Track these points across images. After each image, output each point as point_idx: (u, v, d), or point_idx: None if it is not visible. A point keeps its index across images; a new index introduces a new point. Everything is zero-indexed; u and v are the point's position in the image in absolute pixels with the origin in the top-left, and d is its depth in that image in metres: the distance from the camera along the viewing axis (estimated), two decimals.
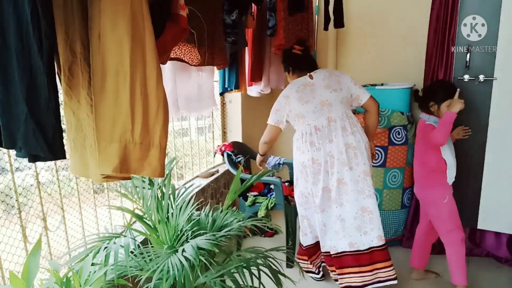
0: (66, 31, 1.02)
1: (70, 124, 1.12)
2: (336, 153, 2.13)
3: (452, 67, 2.57)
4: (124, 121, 1.03)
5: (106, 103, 1.02)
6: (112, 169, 1.03)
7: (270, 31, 2.48)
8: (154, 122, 1.06)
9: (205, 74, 2.29)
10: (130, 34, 1.00)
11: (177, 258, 1.26)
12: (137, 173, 1.07)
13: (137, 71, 1.03)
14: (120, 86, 1.02)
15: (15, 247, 1.45)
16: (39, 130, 0.92)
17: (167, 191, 1.57)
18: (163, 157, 1.09)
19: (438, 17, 2.63)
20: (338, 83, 2.22)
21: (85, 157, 1.11)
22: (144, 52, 1.04)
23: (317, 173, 2.16)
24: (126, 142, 1.04)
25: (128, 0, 0.99)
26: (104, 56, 1.00)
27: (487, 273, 2.53)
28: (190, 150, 2.93)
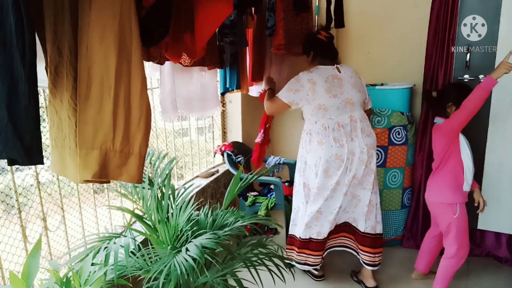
0: (55, 30, 1.04)
1: (52, 122, 1.14)
2: (357, 152, 2.16)
3: (452, 67, 2.57)
4: (106, 130, 1.07)
5: (89, 112, 1.06)
6: (91, 175, 1.07)
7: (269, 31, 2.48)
8: (135, 131, 1.10)
9: (208, 74, 2.29)
10: (117, 48, 1.04)
11: (182, 258, 1.27)
12: (115, 179, 1.12)
13: (121, 83, 1.07)
14: (104, 96, 1.06)
15: (15, 247, 1.45)
16: (17, 135, 0.94)
17: (167, 191, 1.57)
18: (141, 164, 1.12)
19: (438, 17, 2.63)
20: (361, 85, 2.28)
21: (64, 156, 1.13)
22: (130, 64, 1.07)
23: (338, 168, 2.16)
24: (106, 150, 1.09)
25: (117, 16, 1.03)
26: (90, 67, 1.04)
27: (487, 273, 2.53)
28: (190, 150, 2.93)
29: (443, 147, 2.15)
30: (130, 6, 1.05)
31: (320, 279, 2.48)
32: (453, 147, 2.13)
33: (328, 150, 2.15)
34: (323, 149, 2.16)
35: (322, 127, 2.17)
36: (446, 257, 2.21)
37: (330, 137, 2.15)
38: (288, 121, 3.59)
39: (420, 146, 2.84)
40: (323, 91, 2.13)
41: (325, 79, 2.15)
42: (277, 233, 3.12)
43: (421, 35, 2.80)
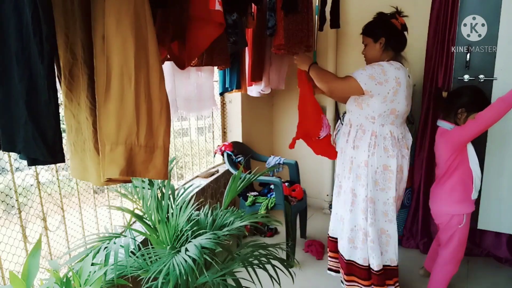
0: (66, 33, 1.02)
1: (70, 127, 1.11)
2: (405, 169, 2.00)
3: (452, 67, 2.57)
4: (129, 123, 1.03)
5: (111, 105, 1.02)
6: (119, 171, 1.03)
7: (270, 31, 2.48)
8: (158, 124, 1.06)
9: (205, 74, 2.29)
10: (134, 35, 1.00)
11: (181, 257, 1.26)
12: (142, 175, 1.07)
13: (141, 73, 1.03)
14: (125, 87, 1.01)
15: (15, 247, 1.45)
16: (39, 133, 0.92)
17: (167, 191, 1.57)
18: (166, 159, 1.08)
19: (438, 17, 2.63)
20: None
21: (85, 160, 1.11)
22: (147, 53, 1.04)
23: (399, 182, 1.99)
24: (131, 144, 1.04)
25: (132, 1, 1.00)
26: (108, 57, 1.00)
27: (487, 273, 2.53)
28: (190, 150, 2.93)
29: (449, 156, 2.01)
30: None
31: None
32: (461, 156, 2.01)
33: (393, 160, 1.93)
34: (388, 157, 1.93)
35: (390, 133, 1.93)
36: (443, 263, 2.16)
37: (395, 147, 1.93)
38: (289, 121, 3.59)
39: (420, 146, 2.84)
40: (403, 97, 1.89)
41: (407, 84, 1.90)
42: (277, 233, 3.12)
43: (421, 35, 2.80)
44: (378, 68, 1.86)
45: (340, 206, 2.16)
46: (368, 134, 1.96)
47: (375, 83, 1.84)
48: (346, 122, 2.11)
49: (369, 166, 1.94)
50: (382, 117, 1.92)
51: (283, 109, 3.63)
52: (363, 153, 1.96)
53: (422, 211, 2.87)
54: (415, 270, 2.61)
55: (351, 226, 2.06)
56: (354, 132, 2.02)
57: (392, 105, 1.88)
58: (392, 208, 1.99)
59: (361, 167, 1.98)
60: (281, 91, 3.40)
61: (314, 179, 3.56)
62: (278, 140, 3.71)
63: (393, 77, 1.85)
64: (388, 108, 1.89)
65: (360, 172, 1.98)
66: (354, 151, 2.01)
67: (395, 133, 1.94)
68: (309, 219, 3.26)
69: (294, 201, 2.71)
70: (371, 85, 1.84)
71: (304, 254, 2.79)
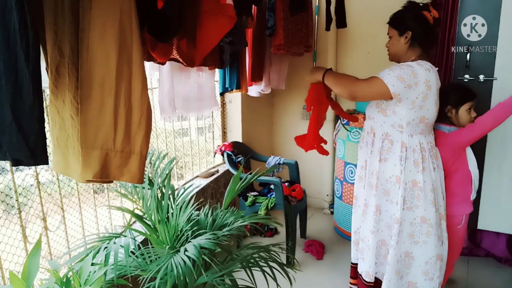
0: (55, 30, 1.04)
1: (54, 122, 1.14)
2: (438, 186, 1.79)
3: (452, 67, 2.57)
4: (107, 130, 1.08)
5: (91, 112, 1.06)
6: (92, 175, 1.08)
7: (269, 31, 2.48)
8: (136, 131, 1.11)
9: (206, 74, 2.29)
10: (118, 47, 1.04)
11: (180, 258, 1.27)
12: (116, 179, 1.13)
13: (122, 83, 1.07)
14: (105, 96, 1.06)
15: (15, 247, 1.45)
16: (22, 135, 0.94)
17: (167, 191, 1.57)
18: (142, 164, 1.13)
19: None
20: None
21: (67, 156, 1.13)
22: (131, 64, 1.08)
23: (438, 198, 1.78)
24: (107, 149, 1.09)
25: (117, 14, 1.03)
26: (91, 67, 1.04)
27: (487, 273, 2.53)
28: (190, 150, 2.93)
29: (449, 159, 1.97)
30: (131, 6, 1.05)
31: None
32: (461, 158, 2.00)
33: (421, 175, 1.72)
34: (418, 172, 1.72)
35: (419, 144, 1.73)
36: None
37: (419, 160, 1.72)
38: (289, 121, 3.59)
39: None
40: (433, 103, 1.69)
41: (437, 87, 1.71)
42: (277, 233, 3.12)
43: None
44: (407, 69, 1.62)
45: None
46: (397, 145, 1.72)
47: (404, 85, 1.59)
48: (368, 130, 1.86)
49: (401, 183, 1.72)
50: (410, 126, 1.69)
51: (283, 109, 3.63)
52: (393, 167, 1.74)
53: None
54: None
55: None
56: (380, 143, 1.77)
57: (421, 112, 1.66)
58: (420, 229, 1.77)
59: (390, 182, 1.77)
60: (281, 91, 3.40)
61: (314, 179, 3.56)
62: (278, 140, 3.71)
63: (423, 80, 1.61)
64: (417, 116, 1.66)
65: (389, 187, 1.78)
66: (381, 164, 1.78)
67: (424, 144, 1.73)
68: (309, 219, 3.27)
69: (294, 201, 2.71)
70: (400, 88, 1.60)
71: (304, 254, 2.79)
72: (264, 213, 2.62)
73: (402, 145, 1.71)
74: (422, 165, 1.71)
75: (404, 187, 1.73)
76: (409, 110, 1.66)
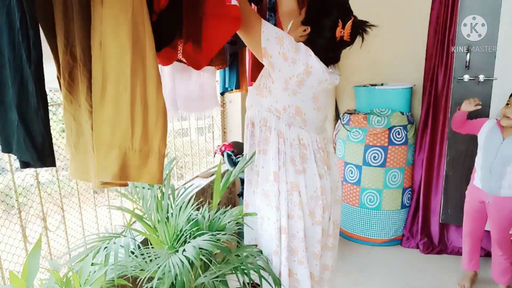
0: (66, 36, 1.03)
1: (70, 129, 1.13)
2: (334, 185, 1.54)
3: (452, 67, 2.57)
4: (124, 128, 1.04)
5: (106, 111, 1.03)
6: (111, 176, 1.04)
7: None
8: (153, 129, 1.08)
9: (207, 74, 2.29)
10: (131, 42, 1.01)
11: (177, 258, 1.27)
12: (136, 180, 1.09)
13: (137, 79, 1.04)
14: (121, 94, 1.03)
15: (15, 247, 1.45)
16: (29, 137, 0.93)
17: (166, 191, 1.57)
18: (161, 164, 1.10)
19: (438, 17, 2.63)
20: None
21: (87, 162, 1.12)
22: (145, 61, 1.05)
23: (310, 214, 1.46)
24: (125, 149, 1.05)
25: (130, 9, 1.01)
26: (105, 64, 1.02)
27: (487, 273, 2.53)
28: (190, 150, 2.93)
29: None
30: (142, 2, 1.04)
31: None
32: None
33: (310, 179, 1.48)
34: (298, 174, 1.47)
35: (298, 140, 1.49)
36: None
37: (310, 162, 1.48)
38: None
39: (420, 146, 2.84)
40: (310, 97, 1.43)
41: (320, 82, 1.40)
42: None
43: (421, 35, 2.80)
44: (291, 41, 1.33)
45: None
46: (274, 134, 1.44)
47: (279, 51, 1.31)
48: (247, 123, 1.60)
49: (280, 182, 1.44)
50: (287, 114, 1.42)
51: None
52: (271, 161, 1.46)
53: (422, 211, 2.87)
54: (414, 271, 2.61)
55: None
56: (259, 132, 1.50)
57: (295, 99, 1.39)
58: (303, 246, 1.44)
59: (269, 182, 1.48)
60: None
61: None
62: None
63: (303, 62, 1.33)
64: (292, 103, 1.40)
65: (268, 188, 1.48)
66: (260, 156, 1.51)
67: (306, 141, 1.44)
68: None
69: None
70: (274, 49, 1.32)
71: None
72: None
73: (279, 135, 1.44)
74: (302, 166, 1.43)
75: (284, 187, 1.43)
76: (283, 91, 1.38)
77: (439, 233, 2.86)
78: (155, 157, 1.07)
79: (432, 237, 2.88)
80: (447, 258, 2.74)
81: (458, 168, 2.63)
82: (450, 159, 2.64)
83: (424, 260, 2.74)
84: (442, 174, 2.75)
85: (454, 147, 2.63)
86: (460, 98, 2.53)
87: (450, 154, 2.64)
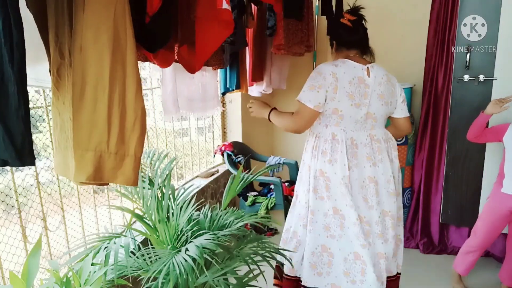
0: (56, 32, 1.04)
1: (55, 124, 1.15)
2: (383, 181, 1.76)
3: (452, 67, 2.57)
4: (100, 132, 1.07)
5: (83, 114, 1.05)
6: (86, 177, 1.07)
7: (270, 31, 2.48)
8: (130, 133, 1.10)
9: (209, 74, 2.29)
10: (111, 48, 1.03)
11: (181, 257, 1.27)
12: (111, 181, 1.12)
13: (116, 84, 1.06)
14: (99, 98, 1.05)
15: (15, 247, 1.45)
16: (8, 136, 0.94)
17: (167, 191, 1.57)
18: (137, 166, 1.12)
19: (438, 17, 2.63)
20: (390, 96, 1.80)
21: (67, 158, 1.13)
22: (125, 66, 1.07)
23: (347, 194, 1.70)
24: (101, 151, 1.08)
25: (111, 15, 1.02)
26: (84, 68, 1.03)
27: (487, 273, 2.53)
28: (190, 150, 2.93)
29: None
30: (125, 9, 1.05)
31: None
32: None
33: (337, 167, 1.70)
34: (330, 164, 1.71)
35: (332, 137, 1.73)
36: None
37: (344, 153, 1.70)
38: None
39: (420, 146, 2.84)
40: (345, 94, 1.68)
41: (350, 80, 1.68)
42: (277, 233, 3.12)
43: (421, 35, 2.80)
44: (313, 74, 1.72)
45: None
46: (311, 136, 1.82)
47: (317, 90, 1.67)
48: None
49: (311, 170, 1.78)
50: (324, 117, 1.74)
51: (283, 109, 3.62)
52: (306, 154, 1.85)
53: (422, 211, 2.87)
54: (414, 271, 2.61)
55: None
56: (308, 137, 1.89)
57: (333, 104, 1.67)
58: (334, 221, 1.74)
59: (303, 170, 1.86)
60: (282, 91, 3.40)
61: None
62: (278, 140, 3.71)
63: (329, 72, 1.67)
64: (329, 107, 1.69)
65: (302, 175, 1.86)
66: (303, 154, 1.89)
67: (343, 138, 1.70)
68: None
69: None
70: (316, 96, 1.67)
71: None
72: (264, 213, 2.62)
73: (317, 136, 1.78)
74: (331, 156, 1.71)
75: (314, 175, 1.76)
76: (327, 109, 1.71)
77: (439, 233, 2.86)
78: (131, 159, 1.10)
79: (432, 237, 2.88)
80: (447, 258, 2.74)
81: (458, 168, 2.63)
82: (450, 159, 2.64)
83: (424, 260, 2.74)
84: (442, 174, 2.75)
85: (454, 147, 2.63)
86: (460, 98, 2.53)
87: (450, 154, 2.64)
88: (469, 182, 2.57)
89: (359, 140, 1.73)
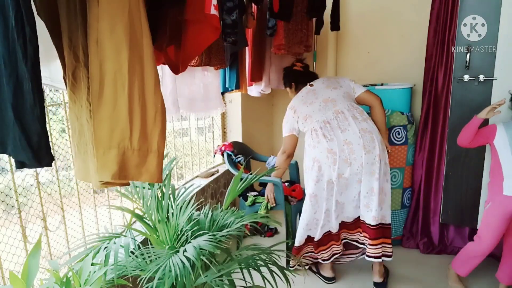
0: (70, 36, 1.02)
1: (74, 129, 1.12)
2: (353, 139, 2.19)
3: (452, 67, 2.57)
4: (122, 128, 1.03)
5: (104, 110, 1.02)
6: (111, 175, 1.03)
7: (270, 31, 2.48)
8: (152, 128, 1.07)
9: (211, 74, 2.29)
10: (128, 40, 1.00)
11: (178, 258, 1.26)
12: (135, 179, 1.08)
13: (135, 77, 1.03)
14: (118, 92, 1.02)
15: (15, 247, 1.45)
16: (24, 137, 0.91)
17: (167, 191, 1.57)
18: (161, 162, 1.09)
19: (438, 17, 2.63)
20: (337, 83, 2.38)
21: (87, 162, 1.11)
22: (142, 58, 1.04)
23: (333, 163, 2.20)
24: (124, 148, 1.04)
25: (126, 6, 1.00)
26: (102, 62, 1.00)
27: (487, 273, 2.53)
28: (190, 150, 2.93)
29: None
30: (139, 0, 1.03)
31: (332, 281, 2.47)
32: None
33: (318, 148, 2.24)
34: (312, 149, 2.27)
35: (310, 131, 2.29)
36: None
37: (319, 135, 2.24)
38: None
39: (420, 146, 2.84)
40: (301, 105, 2.35)
41: (301, 98, 2.38)
42: (277, 233, 3.12)
43: (421, 35, 2.80)
44: (287, 111, 2.44)
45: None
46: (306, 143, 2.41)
47: (286, 123, 2.43)
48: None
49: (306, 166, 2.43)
50: (306, 126, 2.35)
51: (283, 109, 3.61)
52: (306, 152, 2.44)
53: (422, 211, 2.87)
54: (414, 271, 2.61)
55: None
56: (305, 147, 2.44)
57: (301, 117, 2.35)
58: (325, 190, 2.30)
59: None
60: (281, 91, 3.39)
61: None
62: (278, 140, 3.71)
63: (289, 110, 2.42)
64: (302, 121, 2.35)
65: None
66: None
67: (315, 126, 2.27)
68: None
69: (294, 201, 2.71)
70: (288, 126, 2.43)
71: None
72: (264, 213, 2.62)
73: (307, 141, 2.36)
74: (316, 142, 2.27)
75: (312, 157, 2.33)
76: (302, 123, 2.37)
77: (439, 233, 2.86)
78: (154, 155, 1.07)
79: (432, 237, 2.88)
80: (447, 258, 2.74)
81: (458, 168, 2.63)
82: (450, 159, 2.64)
83: (424, 260, 2.74)
84: (442, 174, 2.74)
85: (454, 147, 2.63)
86: (460, 98, 2.53)
87: (450, 154, 2.63)
88: (469, 182, 2.57)
89: (328, 118, 2.26)
